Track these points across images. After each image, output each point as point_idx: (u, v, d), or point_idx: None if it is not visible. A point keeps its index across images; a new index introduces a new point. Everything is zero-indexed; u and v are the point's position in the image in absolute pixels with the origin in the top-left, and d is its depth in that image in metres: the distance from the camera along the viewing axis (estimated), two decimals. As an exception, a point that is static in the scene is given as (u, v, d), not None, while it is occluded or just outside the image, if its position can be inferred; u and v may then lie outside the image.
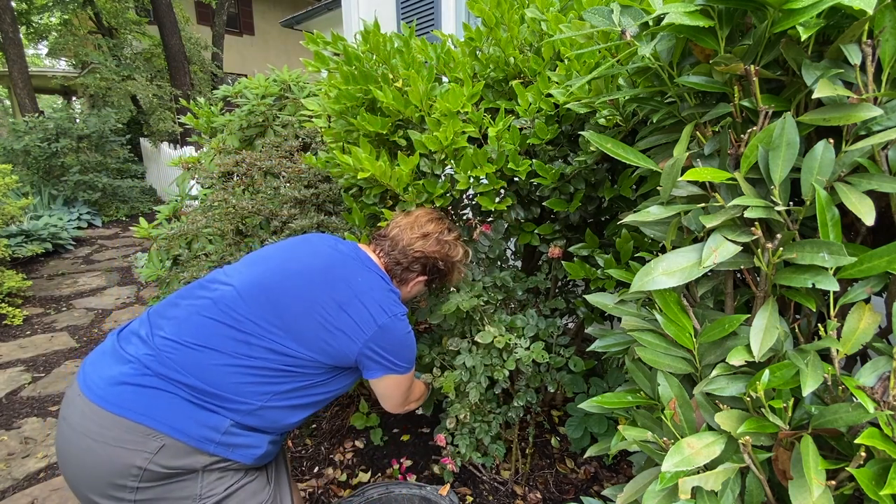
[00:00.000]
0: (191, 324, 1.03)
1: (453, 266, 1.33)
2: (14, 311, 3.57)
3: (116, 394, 0.95)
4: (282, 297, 1.07)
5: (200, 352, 0.99)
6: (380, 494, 1.51)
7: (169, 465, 0.94)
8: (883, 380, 0.62)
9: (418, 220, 1.29)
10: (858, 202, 0.62)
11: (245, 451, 1.04)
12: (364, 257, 1.22)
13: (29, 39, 11.77)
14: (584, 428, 1.72)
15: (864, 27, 0.61)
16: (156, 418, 0.94)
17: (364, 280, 1.15)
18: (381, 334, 1.11)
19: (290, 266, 1.14)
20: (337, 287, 1.11)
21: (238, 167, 2.13)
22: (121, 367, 0.98)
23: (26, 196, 6.15)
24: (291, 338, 1.05)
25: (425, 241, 1.26)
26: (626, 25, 0.81)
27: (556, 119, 1.35)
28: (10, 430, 2.32)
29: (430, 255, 1.26)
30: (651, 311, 0.85)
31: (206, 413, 0.98)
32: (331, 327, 1.08)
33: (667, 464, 0.64)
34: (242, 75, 6.46)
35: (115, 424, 0.93)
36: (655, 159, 0.93)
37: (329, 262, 1.16)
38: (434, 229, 1.28)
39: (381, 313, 1.12)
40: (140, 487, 0.94)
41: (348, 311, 1.09)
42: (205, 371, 0.99)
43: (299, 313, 1.06)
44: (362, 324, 1.09)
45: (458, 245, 1.33)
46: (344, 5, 5.02)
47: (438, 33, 1.69)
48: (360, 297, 1.11)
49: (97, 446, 0.93)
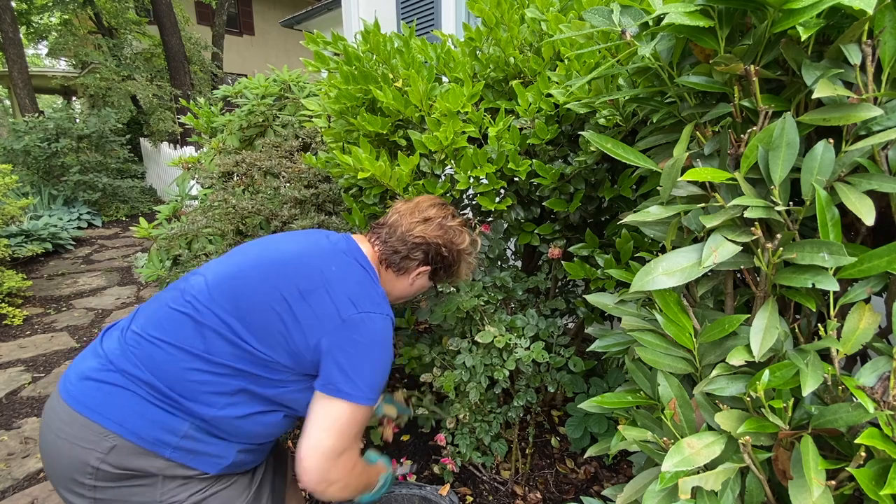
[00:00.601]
0: (157, 317, 0.97)
1: (459, 255, 1.19)
2: (14, 311, 3.57)
3: (80, 389, 0.93)
4: (245, 285, 0.98)
5: (159, 347, 0.93)
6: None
7: (121, 466, 0.90)
8: (883, 380, 0.62)
9: (419, 206, 1.18)
10: (858, 202, 0.62)
11: (208, 459, 0.95)
12: (352, 248, 1.09)
13: (29, 39, 11.77)
14: (584, 428, 1.72)
15: (864, 27, 0.61)
16: (109, 417, 0.90)
17: (339, 269, 1.01)
18: (344, 332, 0.94)
19: (264, 254, 1.04)
20: (306, 275, 0.99)
21: (238, 167, 2.13)
22: (90, 361, 0.96)
23: (26, 196, 6.15)
24: (249, 331, 0.94)
25: (426, 225, 1.14)
26: (626, 25, 0.81)
27: (556, 119, 1.35)
28: (10, 430, 2.32)
29: (431, 240, 1.13)
30: (651, 311, 0.85)
31: (163, 414, 0.91)
32: (288, 319, 0.94)
33: (667, 464, 0.64)
34: (242, 75, 6.47)
35: (73, 421, 0.91)
36: (655, 159, 0.93)
37: (305, 250, 1.05)
38: (436, 214, 1.17)
39: (348, 306, 0.96)
40: (97, 486, 0.91)
41: (310, 301, 0.95)
42: (161, 368, 0.92)
43: (257, 301, 0.95)
44: (324, 316, 0.94)
45: (463, 231, 1.19)
46: (344, 5, 5.03)
47: (438, 33, 1.69)
48: (328, 286, 0.97)
49: (59, 442, 0.92)
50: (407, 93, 1.39)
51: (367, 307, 0.97)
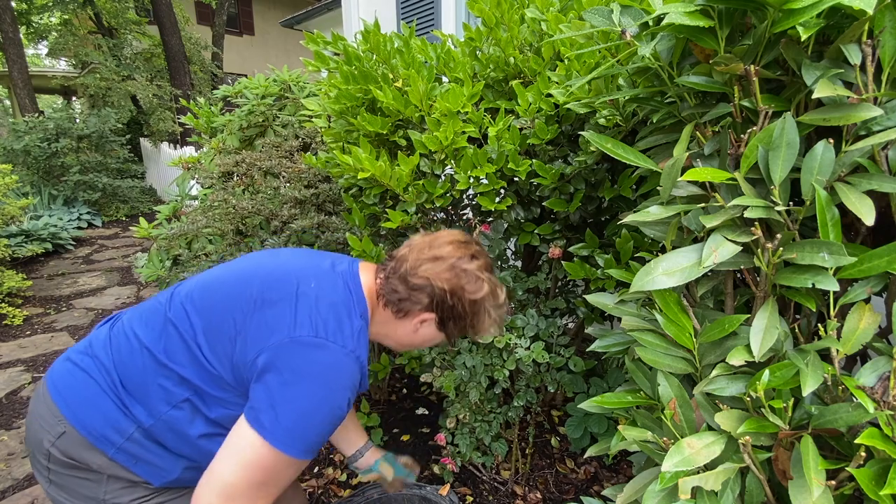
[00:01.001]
0: (143, 308, 0.96)
1: (473, 307, 0.96)
2: (14, 311, 3.57)
3: (59, 370, 0.95)
4: (222, 284, 0.93)
5: (128, 339, 0.91)
6: (380, 494, 1.51)
7: (68, 454, 0.89)
8: (883, 380, 0.62)
9: (435, 240, 0.99)
10: (858, 202, 0.62)
11: (152, 469, 0.91)
12: (349, 272, 0.97)
13: (29, 39, 11.77)
14: (584, 428, 1.72)
15: (864, 27, 0.61)
16: (67, 402, 0.90)
17: (318, 286, 0.90)
18: (288, 352, 0.81)
19: (257, 261, 0.99)
20: (279, 285, 0.90)
21: (238, 167, 2.13)
22: (82, 343, 0.97)
23: (26, 196, 6.15)
24: (205, 334, 0.87)
25: (435, 264, 0.94)
26: (626, 25, 0.81)
27: (556, 119, 1.35)
28: (10, 430, 2.32)
29: (436, 283, 0.93)
30: (651, 311, 0.85)
31: (115, 410, 0.89)
32: (241, 325, 0.85)
33: (667, 464, 0.64)
34: (242, 75, 6.47)
35: (44, 399, 0.93)
36: (655, 159, 0.93)
37: (296, 263, 0.97)
38: (451, 253, 0.95)
39: (305, 326, 0.83)
40: (50, 469, 0.92)
41: (270, 311, 0.85)
42: (123, 361, 0.90)
43: (223, 301, 0.89)
44: (275, 328, 0.83)
45: (481, 279, 0.95)
46: (344, 5, 5.02)
47: (438, 33, 1.69)
48: (296, 300, 0.86)
49: (30, 418, 0.94)
50: (407, 93, 1.39)
51: (329, 335, 0.83)
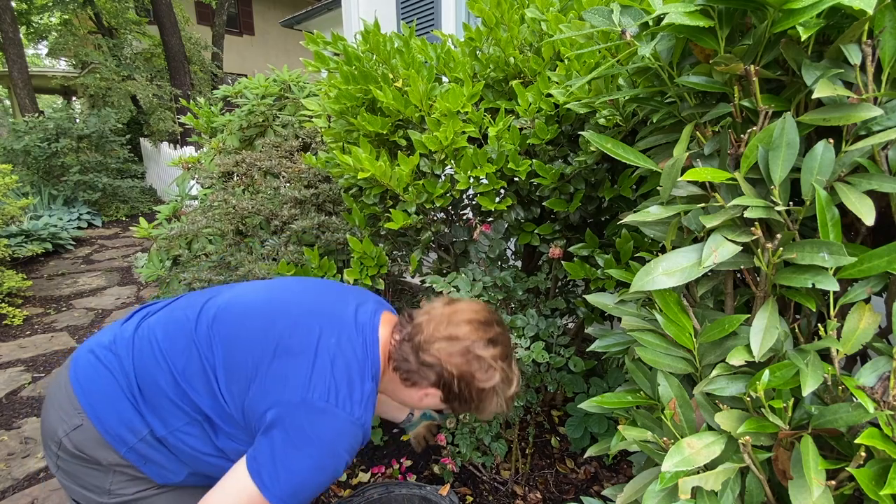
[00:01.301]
0: (172, 317, 0.98)
1: (480, 394, 0.93)
2: (14, 311, 3.57)
3: (84, 360, 0.96)
4: (251, 315, 0.94)
5: (152, 348, 0.92)
6: (380, 494, 1.51)
7: (79, 448, 0.91)
8: (883, 380, 0.62)
9: (455, 315, 0.95)
10: (858, 202, 0.62)
11: (159, 470, 0.93)
12: (370, 325, 0.95)
13: (29, 39, 11.77)
14: (584, 428, 1.72)
15: (864, 27, 0.61)
16: (88, 396, 0.91)
17: (338, 345, 0.89)
18: (297, 412, 0.83)
19: (279, 293, 0.99)
20: (304, 332, 0.89)
21: (238, 167, 2.13)
22: (108, 335, 0.98)
23: (26, 196, 6.15)
24: (225, 365, 0.89)
25: (449, 344, 0.91)
26: (626, 25, 0.81)
27: (556, 119, 1.35)
28: (10, 430, 2.32)
29: (446, 366, 0.91)
30: (651, 311, 0.85)
31: (131, 411, 0.90)
32: (261, 369, 0.86)
33: (667, 464, 0.64)
34: (242, 75, 6.47)
35: (65, 386, 0.94)
36: (655, 159, 0.93)
37: (324, 306, 0.96)
38: (468, 334, 0.92)
39: (319, 389, 0.83)
40: (60, 456, 0.93)
41: (289, 362, 0.86)
42: (144, 368, 0.91)
43: (247, 335, 0.90)
44: (289, 386, 0.84)
45: (493, 369, 0.92)
46: (344, 5, 5.02)
47: (438, 33, 1.69)
48: (316, 357, 0.86)
49: (48, 402, 0.96)
50: (407, 93, 1.39)
51: (339, 402, 0.84)
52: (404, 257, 1.91)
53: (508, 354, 0.97)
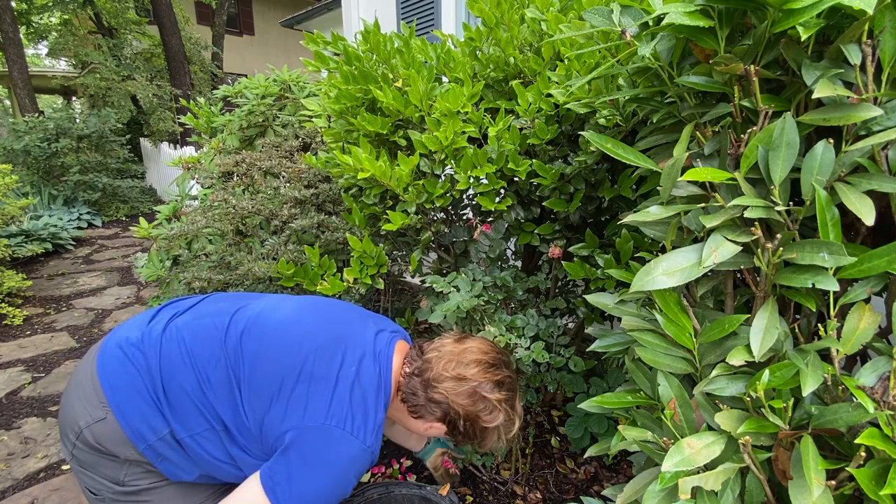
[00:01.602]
0: (201, 324, 1.01)
1: (483, 432, 0.99)
2: (14, 311, 3.56)
3: (111, 354, 0.97)
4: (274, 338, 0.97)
5: (181, 353, 0.96)
6: (379, 494, 1.51)
7: (99, 441, 0.94)
8: (883, 380, 0.62)
9: (465, 354, 1.00)
10: (858, 202, 0.62)
11: (172, 468, 0.97)
12: (383, 355, 1.00)
13: (29, 39, 11.76)
14: (584, 428, 1.72)
15: (864, 27, 0.61)
16: (114, 391, 0.94)
17: (357, 375, 0.94)
18: (315, 436, 0.87)
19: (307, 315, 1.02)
20: (327, 360, 0.94)
21: (238, 167, 2.13)
22: (135, 331, 1.00)
23: (26, 196, 6.15)
24: (250, 379, 0.93)
25: (457, 384, 0.96)
26: (626, 25, 0.81)
27: (556, 119, 1.35)
28: (10, 430, 2.32)
29: (453, 405, 0.96)
30: (651, 311, 0.85)
31: (153, 410, 0.93)
32: (284, 391, 0.91)
33: (667, 464, 0.64)
34: (242, 75, 6.46)
35: (90, 380, 0.96)
36: (655, 159, 0.93)
37: (340, 331, 1.00)
38: (476, 375, 0.97)
39: (337, 417, 0.88)
40: (77, 445, 0.95)
41: (312, 388, 0.90)
42: (170, 372, 0.94)
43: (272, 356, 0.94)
44: (311, 411, 0.89)
45: (498, 410, 0.98)
46: (344, 5, 5.02)
47: (438, 33, 1.69)
48: (336, 384, 0.91)
49: (72, 390, 0.98)
50: (407, 93, 1.39)
51: (354, 430, 0.89)
52: (404, 257, 1.91)
53: (514, 397, 1.02)
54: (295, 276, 1.56)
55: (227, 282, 1.90)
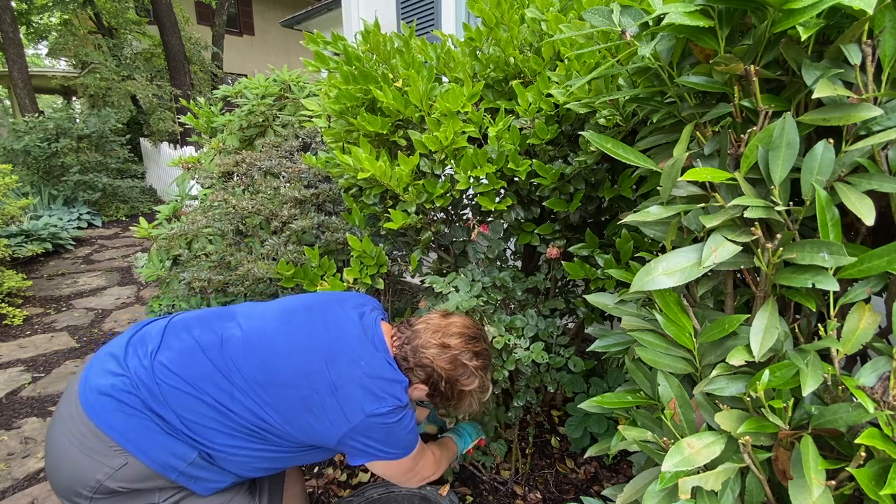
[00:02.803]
0: (191, 360, 1.03)
1: (460, 395, 1.16)
2: (14, 311, 3.56)
3: (101, 404, 0.97)
4: (278, 362, 1.04)
5: (188, 394, 0.99)
6: (380, 494, 1.51)
7: (126, 486, 0.96)
8: (883, 380, 0.62)
9: (449, 327, 1.15)
10: (858, 202, 0.62)
11: (206, 484, 1.03)
12: (380, 341, 1.13)
13: (29, 39, 11.76)
14: (584, 428, 1.72)
15: (864, 27, 0.61)
16: (125, 434, 0.95)
17: (368, 364, 1.07)
18: (368, 426, 1.03)
19: (301, 330, 1.09)
20: (341, 363, 1.05)
21: (238, 167, 2.13)
22: (111, 378, 1.00)
23: (26, 196, 6.15)
24: (272, 406, 1.01)
25: (440, 351, 1.12)
26: (626, 25, 0.81)
27: (556, 119, 1.35)
28: (10, 430, 2.32)
29: (437, 368, 1.11)
30: (651, 311, 0.85)
31: (175, 442, 0.97)
32: (316, 409, 1.02)
33: (667, 464, 0.64)
34: (242, 75, 6.46)
35: (90, 432, 0.95)
36: (655, 159, 0.93)
37: (339, 335, 1.10)
38: (457, 345, 1.13)
39: (373, 401, 1.03)
40: (94, 498, 0.96)
41: (339, 396, 1.02)
42: (186, 412, 0.98)
43: (286, 383, 1.02)
44: (349, 412, 1.02)
45: (475, 376, 1.15)
46: (344, 5, 5.02)
47: (438, 33, 1.69)
48: (357, 381, 1.04)
49: (70, 448, 0.96)
50: (407, 93, 1.39)
51: (391, 401, 1.05)
52: (404, 257, 1.91)
53: (488, 366, 1.20)
54: (295, 277, 1.57)
55: (226, 282, 1.90)
